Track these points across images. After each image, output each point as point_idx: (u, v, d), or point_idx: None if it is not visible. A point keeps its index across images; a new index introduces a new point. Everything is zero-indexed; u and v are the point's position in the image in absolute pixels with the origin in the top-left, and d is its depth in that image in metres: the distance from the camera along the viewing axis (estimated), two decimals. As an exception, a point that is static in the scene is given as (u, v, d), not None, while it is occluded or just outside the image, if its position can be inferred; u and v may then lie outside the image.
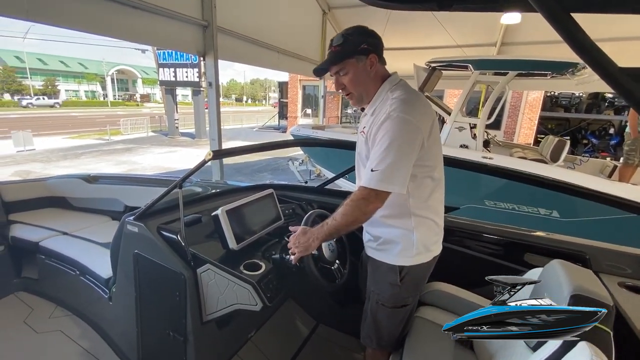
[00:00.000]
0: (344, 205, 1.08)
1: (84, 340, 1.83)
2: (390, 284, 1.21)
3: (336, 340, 1.93)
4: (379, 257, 1.24)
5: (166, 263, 1.35)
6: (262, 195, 1.57)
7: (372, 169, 1.03)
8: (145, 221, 1.41)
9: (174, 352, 1.42)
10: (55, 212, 2.57)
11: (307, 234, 1.18)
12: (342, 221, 1.08)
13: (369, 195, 1.04)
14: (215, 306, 1.33)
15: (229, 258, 1.34)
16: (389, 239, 1.20)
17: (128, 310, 1.55)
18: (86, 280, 1.87)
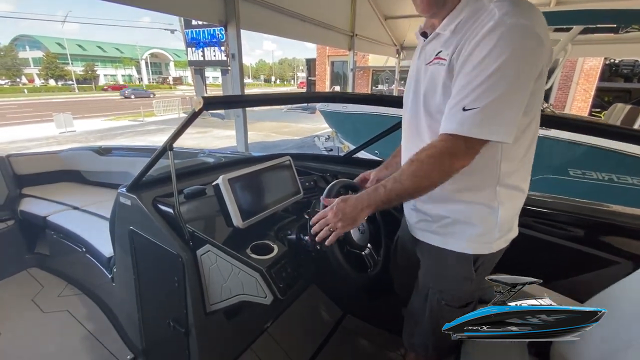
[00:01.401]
0: (414, 162, 0.79)
1: (89, 322, 1.73)
2: (464, 278, 0.93)
3: (365, 333, 1.70)
4: (443, 244, 0.94)
5: (162, 242, 1.15)
6: (277, 163, 1.30)
7: (465, 107, 0.71)
8: (138, 192, 1.21)
9: (177, 344, 1.25)
10: (69, 187, 2.48)
11: (350, 201, 0.87)
12: (411, 184, 0.79)
13: (457, 147, 0.73)
14: (219, 295, 1.12)
15: (233, 238, 1.11)
16: (460, 219, 0.89)
17: (129, 293, 1.39)
18: (92, 258, 1.73)
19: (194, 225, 1.11)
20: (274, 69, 78.02)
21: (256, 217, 1.13)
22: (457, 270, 0.93)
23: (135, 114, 15.91)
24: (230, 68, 4.61)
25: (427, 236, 0.98)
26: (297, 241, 1.13)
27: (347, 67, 6.78)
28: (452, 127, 0.73)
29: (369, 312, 1.76)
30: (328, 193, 1.06)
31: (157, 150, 1.06)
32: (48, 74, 37.57)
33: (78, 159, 2.53)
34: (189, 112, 0.94)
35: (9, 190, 2.18)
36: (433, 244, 0.96)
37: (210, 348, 1.24)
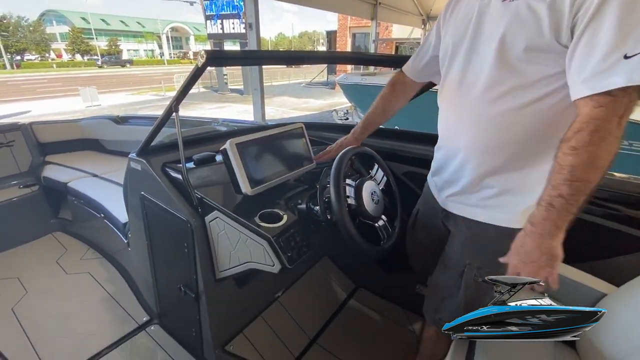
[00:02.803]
0: (580, 150, 0.62)
1: (109, 284, 1.79)
2: (504, 254, 0.85)
3: (377, 307, 1.68)
4: (485, 218, 0.85)
5: (172, 208, 1.14)
6: (288, 129, 1.24)
7: (628, 55, 0.57)
8: (148, 157, 1.19)
9: (188, 309, 1.27)
10: (88, 155, 2.54)
11: (524, 243, 0.70)
12: (596, 176, 0.63)
13: (623, 105, 0.60)
14: (228, 262, 1.12)
15: (242, 205, 1.08)
16: (510, 190, 0.80)
17: (143, 258, 1.42)
18: (109, 224, 1.77)
19: (202, 192, 1.09)
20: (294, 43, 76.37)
21: (265, 184, 1.09)
22: (500, 246, 0.84)
23: (157, 89, 16.09)
24: (248, 39, 4.49)
25: (465, 210, 0.90)
26: (307, 211, 1.09)
27: (369, 39, 6.50)
28: (620, 81, 0.58)
29: (381, 286, 1.73)
30: (338, 163, 1.00)
31: (163, 112, 1.02)
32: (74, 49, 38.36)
33: (97, 128, 2.57)
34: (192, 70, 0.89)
35: (33, 157, 2.25)
36: (473, 219, 0.88)
37: (221, 313, 1.26)
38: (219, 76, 14.85)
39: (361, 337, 1.52)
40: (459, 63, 0.82)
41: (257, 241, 0.99)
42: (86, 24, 39.45)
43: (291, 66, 24.38)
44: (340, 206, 0.93)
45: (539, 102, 0.71)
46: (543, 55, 0.67)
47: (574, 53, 0.63)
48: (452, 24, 0.85)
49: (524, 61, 0.69)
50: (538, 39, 0.66)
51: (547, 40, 0.65)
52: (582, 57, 0.62)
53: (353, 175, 1.15)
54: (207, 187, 1.13)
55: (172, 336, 1.45)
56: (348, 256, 1.80)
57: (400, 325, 1.58)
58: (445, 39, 0.87)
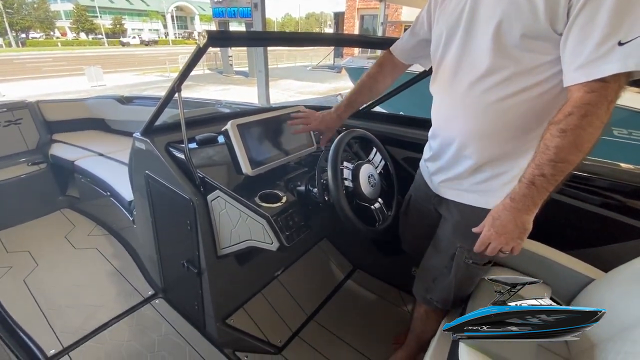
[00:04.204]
0: (567, 132, 0.64)
1: (116, 259, 1.85)
2: None
3: (373, 288, 1.73)
4: (478, 202, 0.87)
5: (175, 187, 1.17)
6: (290, 112, 1.25)
7: (622, 41, 0.58)
8: (152, 137, 1.22)
9: (191, 284, 1.33)
10: (94, 134, 2.58)
11: (500, 216, 0.74)
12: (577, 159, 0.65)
13: (613, 90, 0.61)
14: (229, 240, 1.15)
15: (243, 186, 1.11)
16: (500, 174, 0.82)
17: (148, 235, 1.47)
18: (115, 202, 1.82)
19: (204, 172, 1.12)
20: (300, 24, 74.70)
21: (266, 166, 1.12)
22: None
23: (161, 69, 15.96)
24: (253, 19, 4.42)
25: (458, 194, 0.92)
26: (305, 192, 1.12)
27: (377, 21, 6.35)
28: (614, 68, 0.58)
29: (378, 268, 1.78)
30: (335, 147, 1.02)
31: (166, 92, 1.04)
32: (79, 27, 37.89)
33: (102, 107, 2.59)
34: (193, 50, 0.90)
35: (40, 135, 2.29)
36: (464, 203, 0.90)
37: (222, 289, 1.31)
38: (224, 57, 14.67)
39: (357, 315, 1.58)
40: (454, 50, 0.81)
41: (256, 220, 1.02)
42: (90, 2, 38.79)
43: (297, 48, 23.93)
44: (337, 188, 0.95)
45: (535, 88, 0.72)
46: (539, 43, 0.68)
47: (567, 38, 0.63)
48: (446, 10, 0.84)
49: (521, 48, 0.69)
50: (534, 25, 0.66)
51: (543, 27, 0.65)
52: (576, 43, 0.62)
53: (352, 159, 1.17)
54: (209, 167, 1.15)
55: (176, 309, 1.51)
56: (346, 238, 1.84)
57: (395, 305, 1.63)
58: (438, 25, 0.86)
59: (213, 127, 1.37)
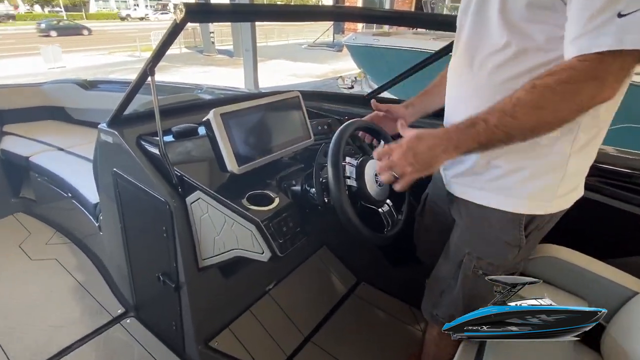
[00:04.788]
0: (536, 88, 0.66)
1: (79, 272, 1.85)
2: (507, 244, 0.89)
3: (381, 304, 1.74)
4: (488, 201, 0.88)
5: (148, 186, 1.17)
6: (282, 99, 1.25)
7: (622, 13, 0.59)
8: (120, 128, 1.21)
9: (168, 300, 1.32)
10: (53, 125, 2.57)
11: (428, 139, 0.77)
12: (529, 120, 0.67)
13: (608, 69, 0.61)
14: (212, 249, 1.15)
15: (228, 185, 1.11)
16: (518, 170, 0.82)
17: (117, 243, 1.47)
18: (78, 204, 1.82)
19: (183, 169, 1.12)
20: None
21: (255, 162, 1.12)
22: (501, 234, 0.89)
23: (131, 48, 15.89)
24: (238, -11, 4.41)
25: (468, 192, 0.93)
26: (302, 193, 1.12)
27: (383, -9, 6.36)
28: (607, 42, 0.59)
29: (387, 280, 1.78)
30: (337, 138, 1.02)
31: (137, 76, 1.03)
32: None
33: (61, 94, 2.58)
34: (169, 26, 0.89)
35: (-12, 127, 2.27)
36: (475, 202, 0.91)
37: (204, 306, 1.31)
38: (205, 34, 14.63)
39: (362, 335, 1.58)
40: (468, 24, 0.83)
41: (244, 225, 1.02)
42: (46, -32, 38.46)
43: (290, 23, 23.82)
44: (338, 188, 0.95)
45: (550, 66, 0.72)
46: (548, 14, 0.68)
47: (570, 6, 0.64)
48: None
49: (529, 20, 0.70)
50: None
51: None
52: (576, 11, 0.63)
53: (356, 154, 1.17)
54: (188, 163, 1.15)
55: (150, 330, 1.51)
56: (349, 246, 1.84)
57: (406, 324, 1.63)
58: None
59: (192, 116, 1.37)
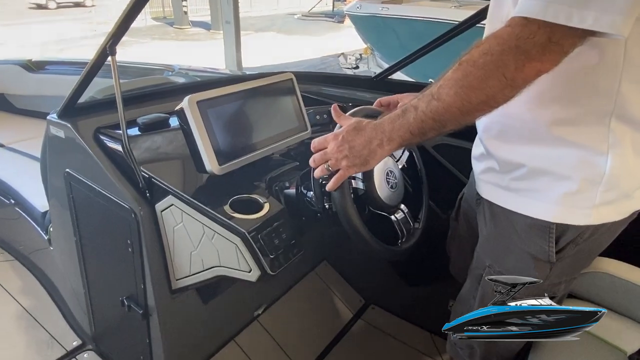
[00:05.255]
0: (462, 64, 0.71)
1: (24, 296, 1.85)
2: (533, 257, 0.90)
3: (394, 330, 1.76)
4: (513, 204, 0.90)
5: (109, 191, 1.17)
6: (272, 82, 1.26)
7: None
8: (74, 120, 1.22)
9: (134, 329, 1.33)
10: (-9, 116, 2.56)
11: (364, 132, 0.84)
12: (455, 101, 0.72)
13: (532, 39, 0.65)
14: (188, 267, 1.16)
15: (207, 189, 1.13)
16: (542, 170, 0.85)
17: (71, 260, 1.48)
18: (22, 213, 1.82)
19: (152, 169, 1.12)
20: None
21: (239, 160, 1.13)
22: (525, 244, 0.90)
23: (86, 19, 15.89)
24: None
25: (495, 192, 0.95)
26: (297, 197, 1.13)
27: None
28: (529, 7, 0.63)
29: (401, 302, 1.80)
30: None
31: (94, 56, 1.03)
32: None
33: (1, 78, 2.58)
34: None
35: None
36: (499, 205, 0.93)
37: (179, 336, 1.32)
38: (176, 3, 14.67)
39: (372, 370, 1.59)
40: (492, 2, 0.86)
41: (227, 238, 1.02)
42: None
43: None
44: (341, 191, 0.95)
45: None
46: None
47: None
48: None
49: None
50: None
51: None
52: None
53: None
54: (158, 162, 1.16)
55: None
56: (355, 261, 1.85)
57: (426, 355, 1.64)
58: None
59: (162, 104, 1.38)
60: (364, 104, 1.50)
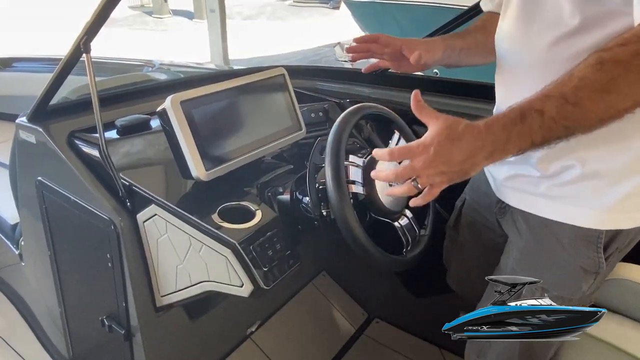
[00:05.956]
0: (605, 65, 0.66)
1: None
2: (583, 270, 0.91)
3: (402, 346, 1.76)
4: (556, 214, 0.90)
5: (86, 200, 1.18)
6: (261, 78, 1.27)
7: None
8: (46, 123, 1.22)
9: (116, 351, 1.33)
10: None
11: (461, 139, 0.71)
12: (599, 108, 0.67)
13: None
14: (174, 283, 1.16)
15: (193, 196, 1.14)
16: (596, 172, 0.84)
17: (45, 277, 1.48)
18: (-10, 226, 1.81)
19: (132, 176, 1.13)
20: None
21: (228, 164, 1.13)
22: (575, 258, 0.90)
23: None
24: None
25: (530, 201, 0.94)
26: (292, 204, 1.14)
27: None
28: None
29: (407, 316, 1.81)
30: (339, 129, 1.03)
31: (67, 54, 1.04)
32: None
33: None
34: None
35: None
36: (539, 215, 0.93)
37: (164, 358, 1.32)
38: (155, -10, 14.67)
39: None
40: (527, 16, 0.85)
41: (216, 250, 1.03)
42: None
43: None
44: (340, 196, 0.96)
45: None
46: None
47: None
48: None
49: None
50: None
51: None
52: None
53: (363, 150, 1.18)
54: (139, 168, 1.18)
55: None
56: (356, 272, 1.86)
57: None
58: None
59: (143, 104, 1.38)
60: (363, 100, 1.51)
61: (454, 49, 1.11)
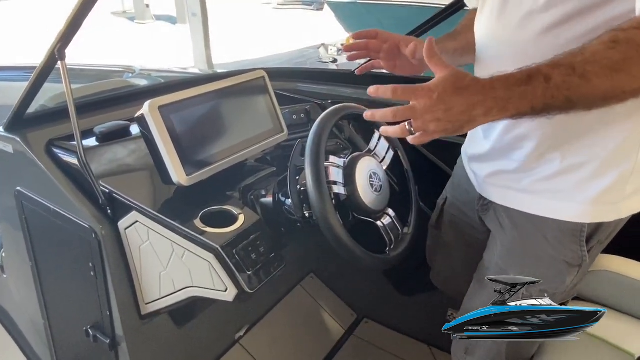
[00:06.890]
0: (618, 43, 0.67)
1: (-24, 332, 1.81)
2: (567, 264, 0.93)
3: (392, 345, 1.78)
4: (539, 209, 0.91)
5: (66, 209, 1.17)
6: (241, 81, 1.27)
7: None
8: (23, 132, 1.21)
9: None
10: None
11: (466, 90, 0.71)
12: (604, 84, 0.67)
13: None
14: (158, 290, 1.16)
15: (174, 201, 1.13)
16: (576, 166, 0.86)
17: (27, 288, 1.46)
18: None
19: (112, 183, 1.12)
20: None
21: (209, 168, 1.13)
22: (559, 252, 0.91)
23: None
24: None
25: (512, 197, 0.95)
26: (275, 206, 1.14)
27: None
28: None
29: (396, 315, 1.81)
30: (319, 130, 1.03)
31: (41, 61, 1.03)
32: None
33: None
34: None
35: None
36: (522, 210, 0.93)
37: (151, 367, 1.31)
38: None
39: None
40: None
41: (199, 255, 1.02)
42: None
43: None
44: (321, 197, 0.97)
45: None
46: None
47: None
48: None
49: None
50: None
51: None
52: None
53: (344, 151, 1.19)
54: (119, 175, 1.17)
55: None
56: (345, 272, 1.87)
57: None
58: None
59: (122, 110, 1.37)
60: (345, 100, 1.52)
61: (447, 51, 1.11)
